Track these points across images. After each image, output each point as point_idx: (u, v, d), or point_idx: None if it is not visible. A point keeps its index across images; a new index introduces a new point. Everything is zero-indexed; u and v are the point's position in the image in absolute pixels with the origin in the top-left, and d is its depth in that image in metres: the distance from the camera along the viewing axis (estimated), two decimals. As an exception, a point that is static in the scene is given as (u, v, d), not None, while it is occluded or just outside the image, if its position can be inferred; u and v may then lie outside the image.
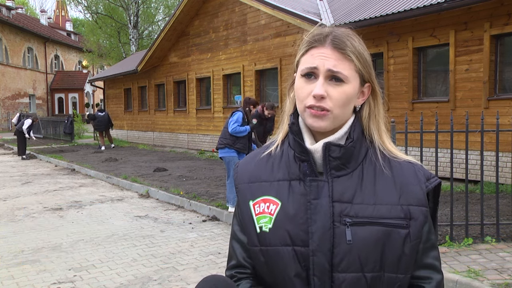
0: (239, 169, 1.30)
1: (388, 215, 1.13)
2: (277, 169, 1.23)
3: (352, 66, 1.14)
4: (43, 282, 4.50)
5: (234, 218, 1.30)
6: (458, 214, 5.88)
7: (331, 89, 1.13)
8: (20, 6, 49.26)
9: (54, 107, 43.12)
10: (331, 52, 1.14)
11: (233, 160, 6.75)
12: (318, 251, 1.13)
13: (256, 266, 1.22)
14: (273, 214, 1.18)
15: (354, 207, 1.14)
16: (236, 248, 1.27)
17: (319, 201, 1.15)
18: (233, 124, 6.69)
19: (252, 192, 1.24)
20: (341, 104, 1.14)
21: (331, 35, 1.16)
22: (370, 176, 1.17)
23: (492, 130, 5.14)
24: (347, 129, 1.18)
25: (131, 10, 31.30)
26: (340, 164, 1.16)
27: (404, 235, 1.13)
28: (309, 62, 1.15)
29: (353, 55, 1.14)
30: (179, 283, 4.41)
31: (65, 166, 13.80)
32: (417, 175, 1.18)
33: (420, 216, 1.15)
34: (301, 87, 1.16)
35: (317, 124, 1.14)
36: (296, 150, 1.21)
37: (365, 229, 1.12)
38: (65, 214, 7.39)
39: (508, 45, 8.15)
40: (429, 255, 1.18)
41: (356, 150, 1.17)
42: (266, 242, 1.18)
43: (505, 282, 3.83)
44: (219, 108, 15.57)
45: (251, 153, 1.34)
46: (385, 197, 1.15)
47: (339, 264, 1.12)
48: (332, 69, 1.13)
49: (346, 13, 10.90)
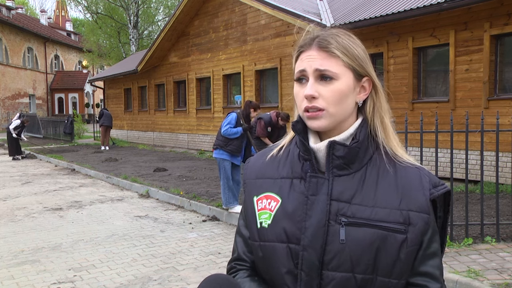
0: (249, 165, 1.33)
1: (386, 218, 1.13)
2: (282, 167, 1.25)
3: (340, 62, 1.15)
4: (43, 282, 4.50)
5: (240, 214, 1.34)
6: (458, 214, 5.88)
7: (322, 88, 1.14)
8: (20, 6, 49.25)
9: (54, 107, 43.12)
10: (317, 52, 1.15)
11: (222, 162, 6.67)
12: (309, 247, 1.13)
13: (256, 260, 1.25)
14: (273, 210, 1.20)
15: (351, 208, 1.14)
16: (238, 242, 1.30)
17: (317, 197, 1.16)
18: (226, 125, 6.61)
19: (257, 188, 1.26)
20: (335, 102, 1.14)
21: (318, 37, 1.18)
22: (372, 179, 1.17)
23: (492, 130, 5.14)
24: (354, 131, 1.18)
25: (131, 10, 31.31)
26: (343, 163, 1.16)
27: (401, 240, 1.12)
28: (298, 66, 1.18)
29: (338, 50, 1.14)
30: (179, 283, 4.41)
31: (65, 166, 13.81)
32: (421, 181, 1.17)
33: (420, 222, 1.13)
34: (296, 92, 1.19)
35: (315, 125, 1.16)
36: (300, 149, 1.22)
37: (360, 231, 1.12)
38: (65, 214, 7.39)
39: (508, 45, 8.15)
40: (428, 263, 1.16)
41: (361, 152, 1.17)
42: (265, 237, 1.20)
43: (505, 282, 3.83)
44: (219, 108, 15.57)
45: (262, 151, 1.36)
46: (385, 200, 1.15)
47: (329, 262, 1.12)
48: (319, 68, 1.14)
49: (346, 13, 10.91)
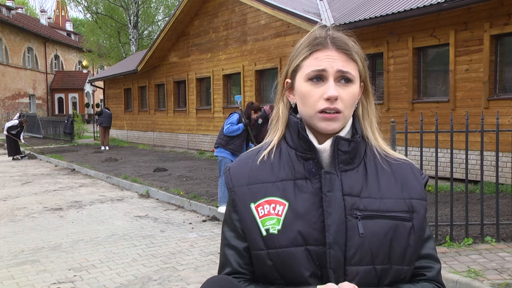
0: (231, 172, 1.24)
1: (394, 208, 1.16)
2: (278, 169, 1.20)
3: (356, 67, 1.17)
4: (43, 282, 4.50)
5: (224, 225, 1.25)
6: (458, 214, 5.88)
7: (341, 90, 1.14)
8: (20, 6, 49.23)
9: (54, 107, 43.10)
10: (337, 53, 1.15)
11: (224, 160, 6.81)
12: (335, 244, 1.12)
13: (261, 270, 1.18)
14: (281, 215, 1.15)
15: (363, 201, 1.16)
16: (230, 255, 1.21)
17: (333, 193, 1.15)
18: (227, 124, 6.78)
19: (253, 194, 1.19)
20: (350, 104, 1.16)
21: (330, 37, 1.17)
22: (372, 172, 1.20)
23: (492, 130, 5.14)
24: (349, 128, 1.20)
25: (131, 10, 31.31)
26: (348, 158, 1.17)
27: (409, 228, 1.16)
28: (315, 65, 1.15)
29: (357, 56, 1.17)
30: (179, 283, 4.41)
31: (65, 166, 13.80)
32: (413, 171, 1.24)
33: (422, 209, 1.19)
34: (309, 91, 1.15)
35: (331, 127, 1.14)
36: (299, 149, 1.19)
37: (375, 222, 1.14)
38: (65, 214, 7.39)
39: (508, 45, 8.15)
40: (426, 246, 1.22)
41: (361, 146, 1.21)
42: (275, 244, 1.14)
43: (505, 282, 3.83)
44: (219, 108, 15.57)
45: (242, 156, 1.30)
46: (389, 191, 1.18)
47: (352, 257, 1.13)
48: (342, 70, 1.14)
49: (346, 13, 10.90)
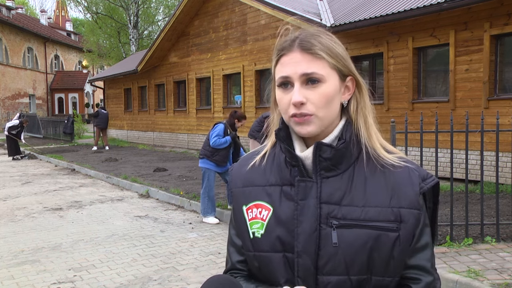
0: (233, 173, 1.28)
1: (377, 217, 1.11)
2: (269, 173, 1.21)
3: (325, 64, 1.11)
4: (43, 282, 4.50)
5: (230, 223, 1.30)
6: (458, 214, 5.88)
7: (309, 93, 1.10)
8: (20, 6, 49.23)
9: (54, 107, 43.10)
10: (301, 55, 1.11)
11: (207, 172, 6.67)
12: (303, 253, 1.11)
13: (252, 269, 1.22)
14: (265, 220, 1.17)
15: (342, 209, 1.12)
16: (232, 253, 1.26)
17: (306, 202, 1.13)
18: (214, 137, 6.61)
19: (245, 196, 1.22)
20: (323, 105, 1.11)
21: (298, 38, 1.13)
22: (361, 178, 1.14)
23: (492, 130, 5.14)
24: (338, 133, 1.15)
25: (131, 10, 31.30)
26: (330, 165, 1.13)
27: (393, 239, 1.10)
28: (281, 71, 1.13)
29: (323, 52, 1.11)
30: (179, 283, 4.41)
31: (65, 166, 13.80)
32: (410, 177, 1.15)
33: (411, 219, 1.12)
34: (280, 98, 1.14)
35: (305, 130, 1.12)
36: (286, 155, 1.18)
37: (352, 232, 1.10)
38: (65, 214, 7.39)
39: (508, 45, 8.15)
40: (419, 256, 1.15)
41: (348, 151, 1.14)
42: (259, 248, 1.17)
43: (505, 282, 3.83)
44: (219, 108, 15.57)
45: (245, 156, 1.31)
46: (375, 199, 1.12)
47: (324, 267, 1.11)
48: (306, 72, 1.10)
49: (346, 13, 10.90)
